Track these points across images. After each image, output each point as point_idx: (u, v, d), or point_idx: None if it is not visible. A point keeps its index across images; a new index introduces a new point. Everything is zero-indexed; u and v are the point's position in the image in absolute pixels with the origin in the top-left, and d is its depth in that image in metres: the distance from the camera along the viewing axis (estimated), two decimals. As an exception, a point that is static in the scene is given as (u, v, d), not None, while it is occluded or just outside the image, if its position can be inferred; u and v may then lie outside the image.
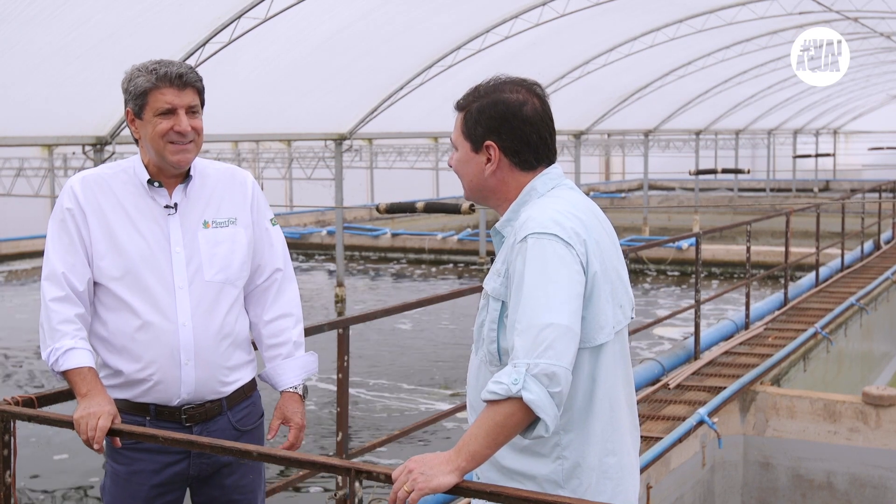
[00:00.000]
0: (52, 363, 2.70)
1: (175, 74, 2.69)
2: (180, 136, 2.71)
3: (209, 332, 2.76)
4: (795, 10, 15.49)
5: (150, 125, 2.71)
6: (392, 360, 11.74)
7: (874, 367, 11.20)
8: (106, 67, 10.34)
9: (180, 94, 2.70)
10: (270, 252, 2.93)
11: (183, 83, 2.70)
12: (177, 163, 2.74)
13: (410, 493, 2.08)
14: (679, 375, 7.30)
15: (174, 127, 2.69)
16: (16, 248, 21.06)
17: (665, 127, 26.18)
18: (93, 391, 2.66)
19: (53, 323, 2.69)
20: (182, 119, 2.70)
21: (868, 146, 35.29)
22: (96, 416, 2.61)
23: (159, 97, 2.69)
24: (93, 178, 2.79)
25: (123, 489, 2.79)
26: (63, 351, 2.68)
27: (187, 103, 2.72)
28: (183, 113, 2.71)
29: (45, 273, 2.73)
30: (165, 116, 2.70)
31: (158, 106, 2.69)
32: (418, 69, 14.24)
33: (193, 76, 2.74)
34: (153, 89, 2.69)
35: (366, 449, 4.82)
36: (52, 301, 2.70)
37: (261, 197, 2.95)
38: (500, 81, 2.35)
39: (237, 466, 2.88)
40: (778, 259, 15.30)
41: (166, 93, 2.69)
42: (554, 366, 2.06)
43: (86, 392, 2.66)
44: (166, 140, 2.70)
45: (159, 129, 2.70)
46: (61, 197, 2.78)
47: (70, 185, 2.77)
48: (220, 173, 2.89)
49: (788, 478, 7.03)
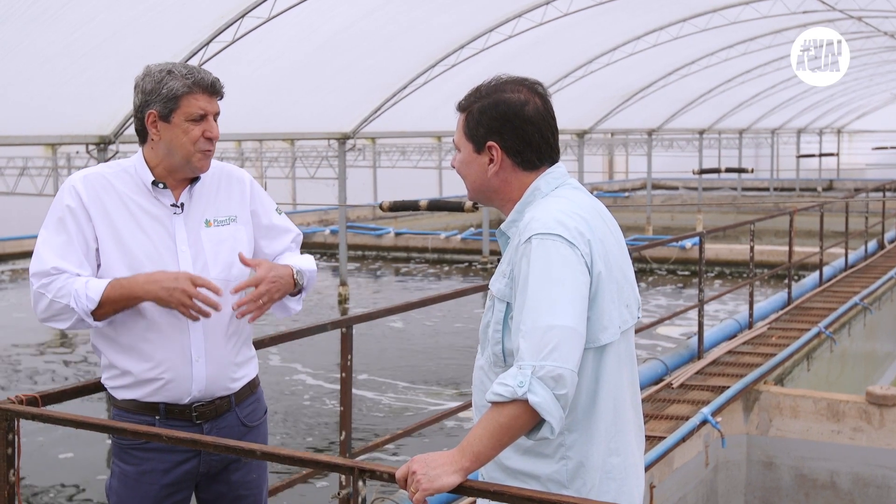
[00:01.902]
0: (83, 309, 2.62)
1: (209, 82, 2.73)
2: (210, 143, 2.73)
3: (218, 329, 2.77)
4: (799, 10, 15.46)
5: (180, 129, 2.71)
6: (395, 360, 11.74)
7: (878, 366, 11.19)
8: (109, 67, 10.36)
9: (211, 100, 2.74)
10: (284, 237, 2.97)
11: (214, 91, 2.74)
12: (202, 168, 2.77)
13: (415, 493, 2.08)
14: (682, 375, 7.29)
15: (205, 133, 2.72)
16: (20, 247, 21.08)
17: (668, 126, 26.16)
18: (134, 278, 2.63)
19: (51, 294, 2.65)
20: (213, 126, 2.74)
21: (872, 145, 35.17)
22: (180, 282, 2.59)
23: (193, 102, 2.70)
24: (95, 177, 2.77)
25: (133, 490, 2.78)
26: (83, 288, 2.63)
27: (216, 111, 2.76)
28: (212, 120, 2.74)
29: (34, 269, 2.69)
30: (197, 122, 2.71)
31: (192, 111, 2.70)
32: (421, 68, 14.25)
33: (221, 85, 2.78)
34: (188, 94, 2.69)
35: (369, 448, 4.82)
36: (40, 287, 2.67)
37: (260, 192, 2.96)
38: (502, 81, 2.34)
39: (244, 462, 2.89)
40: (781, 258, 15.27)
41: (200, 99, 2.71)
42: (560, 368, 2.06)
43: (130, 283, 2.62)
44: (197, 147, 2.72)
45: (192, 134, 2.71)
46: (61, 195, 2.74)
47: (71, 183, 2.74)
48: (219, 172, 2.89)
49: (792, 477, 7.02)
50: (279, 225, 2.95)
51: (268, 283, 2.73)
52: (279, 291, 2.76)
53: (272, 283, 2.73)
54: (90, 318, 2.65)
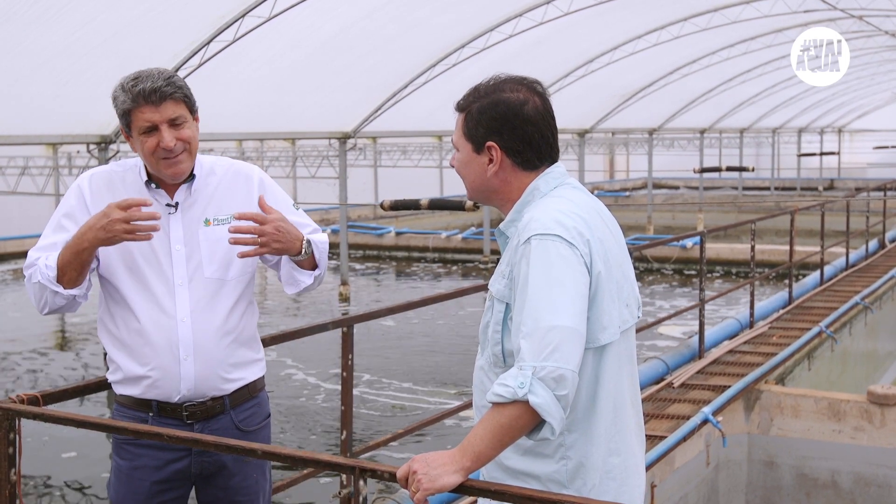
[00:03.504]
0: (47, 279, 2.67)
1: (149, 90, 2.63)
2: (167, 152, 2.68)
3: (209, 329, 2.76)
4: (800, 9, 15.45)
5: (138, 143, 2.70)
6: (397, 359, 11.74)
7: (879, 366, 11.18)
8: (110, 67, 10.36)
9: (158, 109, 2.65)
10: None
11: (159, 98, 2.64)
12: (172, 175, 2.74)
13: (416, 493, 2.08)
14: (683, 374, 7.29)
15: (160, 144, 2.67)
16: (21, 247, 21.06)
17: (669, 125, 26.15)
18: (76, 233, 2.64)
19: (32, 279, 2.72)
20: (164, 135, 2.66)
21: (873, 145, 35.16)
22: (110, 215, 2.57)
23: (139, 116, 2.66)
24: (101, 175, 2.82)
25: (126, 485, 2.81)
26: (44, 260, 2.69)
27: (168, 117, 2.66)
28: (165, 128, 2.66)
29: (25, 265, 2.76)
30: (149, 134, 2.67)
31: (140, 125, 2.67)
32: (422, 68, 14.25)
33: (170, 88, 2.66)
34: (132, 109, 2.66)
35: (370, 447, 4.82)
36: (27, 278, 2.75)
37: (272, 188, 2.91)
38: (500, 81, 2.33)
39: (240, 467, 2.87)
40: (782, 258, 15.27)
41: (145, 111, 2.65)
42: (561, 368, 2.06)
43: (74, 239, 2.64)
44: (156, 156, 2.69)
45: (146, 146, 2.68)
46: (68, 193, 2.81)
47: (78, 182, 2.80)
48: (226, 170, 2.88)
49: (793, 477, 7.02)
50: (295, 221, 2.85)
51: (272, 226, 2.65)
52: (279, 243, 2.67)
53: (276, 231, 2.66)
54: (59, 287, 2.67)
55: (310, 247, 2.78)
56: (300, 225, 2.86)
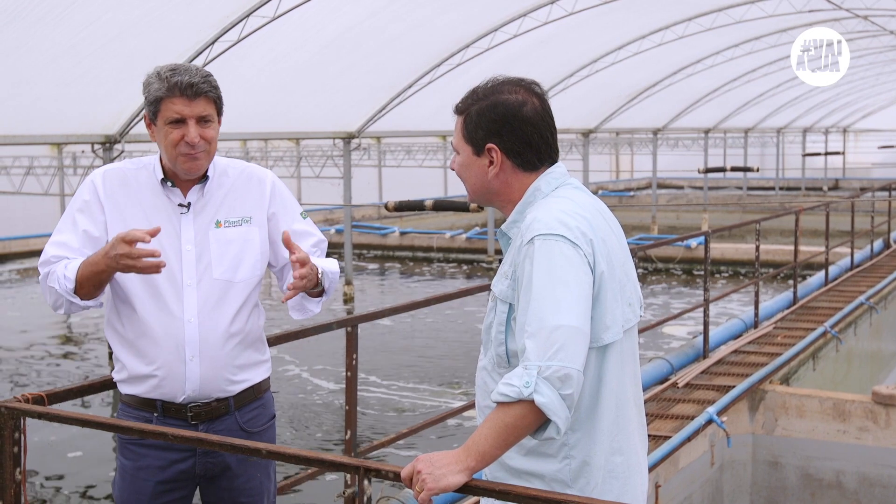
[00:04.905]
0: (65, 290, 2.66)
1: (186, 84, 2.67)
2: (189, 147, 2.70)
3: (216, 330, 2.76)
4: (805, 9, 15.43)
5: (162, 133, 2.72)
6: (401, 359, 11.74)
7: (884, 366, 11.17)
8: (115, 66, 10.38)
9: (191, 103, 2.68)
10: (304, 242, 2.89)
11: (194, 93, 2.68)
12: (187, 171, 2.75)
13: (420, 492, 2.08)
14: (688, 374, 7.29)
15: (184, 137, 2.69)
16: (25, 246, 21.12)
17: (674, 125, 26.12)
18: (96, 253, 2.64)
19: (49, 281, 2.70)
20: (191, 130, 2.69)
21: (878, 144, 35.15)
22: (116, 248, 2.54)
23: (170, 106, 2.68)
24: (114, 172, 2.83)
25: (130, 484, 2.81)
26: (62, 269, 2.66)
27: (198, 113, 2.70)
28: (193, 123, 2.69)
29: (40, 260, 2.75)
30: (176, 126, 2.69)
31: (169, 115, 2.69)
32: (426, 68, 14.25)
33: (206, 86, 2.70)
34: (165, 98, 2.68)
35: (374, 447, 4.82)
36: (43, 276, 2.73)
37: (283, 194, 2.92)
38: (499, 82, 2.33)
39: (244, 468, 2.87)
40: (787, 258, 15.25)
41: (177, 102, 2.67)
42: (566, 368, 2.06)
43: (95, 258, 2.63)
44: (178, 150, 2.71)
45: (170, 138, 2.70)
46: (81, 188, 2.81)
47: (91, 178, 2.81)
48: (239, 173, 2.89)
49: (798, 477, 7.01)
50: (299, 230, 2.90)
51: (310, 266, 2.70)
52: (310, 282, 2.72)
53: (312, 269, 2.71)
54: (76, 299, 2.68)
55: (325, 278, 2.82)
56: (306, 234, 2.90)
